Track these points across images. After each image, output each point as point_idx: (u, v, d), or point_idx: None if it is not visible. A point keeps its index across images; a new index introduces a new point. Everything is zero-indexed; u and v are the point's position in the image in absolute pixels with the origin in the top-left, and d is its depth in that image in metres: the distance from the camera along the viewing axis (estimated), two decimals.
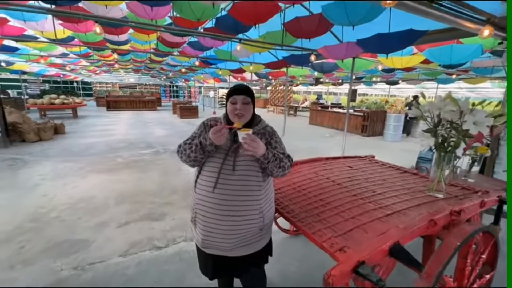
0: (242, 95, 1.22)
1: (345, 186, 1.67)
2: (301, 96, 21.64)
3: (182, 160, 1.26)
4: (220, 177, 1.17)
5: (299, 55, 5.22)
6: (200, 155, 1.19)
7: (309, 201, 1.47)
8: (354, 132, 8.74)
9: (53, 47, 7.74)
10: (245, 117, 1.23)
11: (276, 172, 1.23)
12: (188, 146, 1.22)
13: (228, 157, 1.20)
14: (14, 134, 5.93)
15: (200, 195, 1.20)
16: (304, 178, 1.82)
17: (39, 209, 2.83)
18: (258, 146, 1.11)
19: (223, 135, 1.13)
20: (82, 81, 21.28)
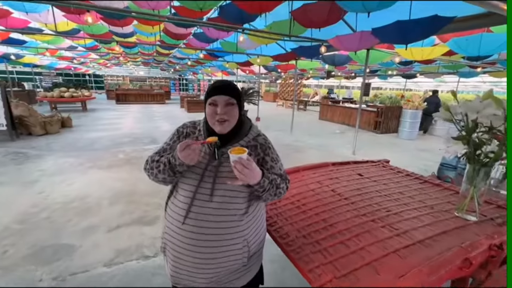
0: (225, 95, 0.97)
1: (354, 201, 1.41)
2: (311, 90, 21.05)
3: (150, 179, 1.04)
4: (194, 205, 0.94)
5: (308, 47, 4.87)
6: (170, 176, 0.96)
7: (308, 221, 1.23)
8: (366, 129, 8.30)
9: (60, 39, 7.70)
10: (228, 123, 0.98)
11: (270, 200, 1.00)
12: (155, 164, 0.99)
13: (205, 179, 0.96)
14: (21, 127, 5.96)
15: (170, 223, 0.98)
16: (305, 189, 1.56)
17: (31, 208, 2.74)
18: (253, 174, 0.86)
19: (194, 152, 0.88)
20: (94, 74, 21.58)
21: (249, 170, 0.84)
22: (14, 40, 6.77)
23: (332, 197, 1.47)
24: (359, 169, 1.99)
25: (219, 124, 0.97)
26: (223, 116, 0.96)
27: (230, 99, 0.97)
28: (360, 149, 5.57)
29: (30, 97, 12.12)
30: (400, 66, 8.99)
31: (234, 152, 0.86)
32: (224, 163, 1.00)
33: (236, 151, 0.87)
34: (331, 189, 1.56)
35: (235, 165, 0.84)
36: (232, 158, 0.85)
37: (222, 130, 0.98)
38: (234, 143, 1.02)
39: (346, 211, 1.30)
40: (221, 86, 0.98)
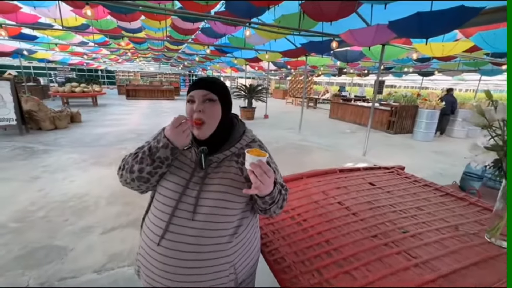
0: (203, 90, 0.82)
1: (363, 218, 1.22)
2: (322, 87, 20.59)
3: (122, 183, 0.89)
4: (172, 223, 0.79)
5: (318, 42, 4.63)
6: (148, 166, 0.79)
7: (309, 242, 1.05)
8: (379, 129, 7.95)
9: (71, 35, 7.76)
10: (207, 126, 0.82)
11: (276, 214, 0.88)
12: (132, 157, 0.84)
13: (187, 192, 0.81)
14: (31, 122, 6.03)
15: (145, 243, 0.83)
16: (308, 201, 1.39)
17: (29, 206, 2.69)
18: (271, 181, 0.73)
19: (186, 133, 0.77)
20: (106, 70, 21.95)
21: (268, 177, 0.71)
22: (26, 35, 6.86)
23: (339, 211, 1.29)
24: (371, 177, 1.79)
25: (195, 127, 0.82)
26: (200, 115, 0.80)
27: (208, 94, 0.82)
28: (371, 150, 5.30)
29: (44, 92, 12.42)
30: (416, 63, 8.54)
31: (253, 153, 0.71)
32: (211, 173, 0.84)
33: (255, 152, 0.72)
34: (338, 201, 1.38)
35: (253, 169, 0.70)
36: (250, 160, 0.70)
37: (200, 134, 0.83)
38: (224, 150, 0.86)
39: (355, 230, 1.12)
40: (201, 80, 0.84)
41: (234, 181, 0.83)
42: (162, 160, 0.79)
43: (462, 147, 6.36)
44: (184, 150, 0.89)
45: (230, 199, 0.82)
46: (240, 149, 0.89)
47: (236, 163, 0.87)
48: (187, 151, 0.89)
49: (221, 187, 0.82)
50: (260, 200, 0.79)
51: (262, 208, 0.83)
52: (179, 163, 0.86)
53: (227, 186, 0.82)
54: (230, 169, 0.85)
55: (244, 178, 0.85)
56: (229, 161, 0.87)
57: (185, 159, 0.87)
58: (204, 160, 0.85)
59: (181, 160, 0.87)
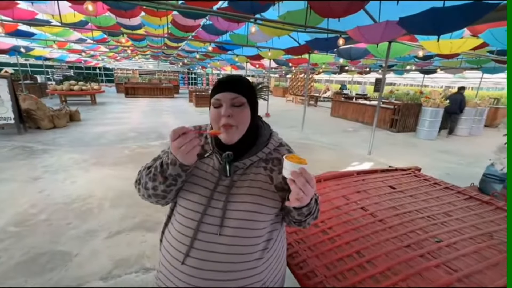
0: (231, 93, 0.73)
1: (391, 225, 1.15)
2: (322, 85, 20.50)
3: (140, 197, 0.82)
4: (197, 239, 0.71)
5: (324, 39, 4.54)
6: (161, 184, 0.72)
7: (338, 253, 0.98)
8: (381, 127, 7.89)
9: (69, 32, 7.61)
10: (236, 130, 0.74)
11: (308, 225, 0.80)
12: (146, 172, 0.77)
13: (212, 203, 0.73)
14: (29, 121, 5.91)
15: (167, 261, 0.76)
16: (329, 207, 1.31)
17: (30, 208, 2.60)
18: (313, 192, 0.64)
19: (192, 144, 0.64)
20: (104, 67, 21.71)
21: (311, 187, 0.62)
22: (23, 32, 6.70)
23: (364, 218, 1.22)
24: (389, 179, 1.72)
25: (224, 131, 0.73)
26: (228, 120, 0.72)
27: (238, 97, 0.74)
28: (376, 149, 5.24)
29: (42, 90, 12.24)
30: (418, 60, 8.47)
31: (293, 160, 0.63)
32: (237, 181, 0.76)
33: (295, 159, 0.64)
34: (361, 207, 1.31)
35: (295, 178, 0.61)
36: (291, 168, 0.62)
37: (228, 139, 0.74)
38: (251, 155, 0.78)
39: (385, 239, 1.05)
40: (227, 81, 0.75)
41: (263, 190, 0.76)
42: (174, 177, 0.71)
43: (466, 145, 6.32)
44: (205, 158, 0.81)
45: (260, 210, 0.74)
46: (268, 154, 0.82)
47: (264, 170, 0.79)
48: (209, 158, 0.81)
49: (249, 197, 0.74)
50: (296, 211, 0.71)
51: (296, 220, 0.75)
52: (200, 171, 0.78)
53: (256, 196, 0.75)
54: (258, 176, 0.78)
55: (275, 187, 0.77)
56: (256, 167, 0.79)
57: (206, 167, 0.79)
58: (229, 167, 0.77)
59: (202, 168, 0.79)
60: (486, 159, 4.93)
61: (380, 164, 4.45)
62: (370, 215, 1.24)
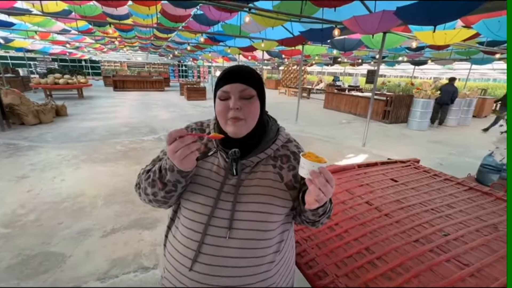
0: (241, 84, 0.68)
1: (398, 219, 1.14)
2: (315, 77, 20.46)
3: (142, 201, 0.77)
4: (205, 244, 0.67)
5: (319, 29, 4.46)
6: (161, 190, 0.67)
7: (347, 250, 0.96)
8: (374, 118, 7.97)
9: (51, 22, 7.22)
10: (245, 123, 0.69)
11: (321, 225, 0.77)
12: (144, 176, 0.72)
13: (220, 204, 0.69)
14: (13, 117, 5.63)
15: (173, 267, 0.71)
16: (335, 202, 1.29)
17: (19, 209, 2.49)
18: (332, 192, 0.60)
19: (189, 149, 0.58)
20: (90, 60, 20.89)
21: (332, 187, 0.58)
22: (0, 22, 6.30)
23: (369, 212, 1.20)
24: (389, 171, 1.71)
25: (232, 123, 0.68)
26: (237, 113, 0.67)
27: (247, 89, 0.68)
28: (369, 141, 5.29)
29: (24, 84, 11.70)
30: (409, 52, 8.52)
31: (310, 158, 0.58)
32: (245, 180, 0.72)
33: (312, 157, 0.59)
34: (366, 201, 1.29)
35: (314, 178, 0.56)
36: (310, 167, 0.57)
37: (237, 131, 0.69)
38: (259, 152, 0.74)
39: (393, 234, 1.03)
40: (235, 71, 0.69)
41: (273, 189, 0.72)
42: (174, 183, 0.65)
43: (455, 135, 6.46)
44: (209, 156, 0.76)
45: (271, 210, 0.70)
46: (276, 150, 0.77)
47: (273, 168, 0.75)
48: (213, 156, 0.76)
49: (259, 197, 0.70)
50: (311, 212, 0.67)
51: (310, 220, 0.72)
52: (205, 171, 0.73)
53: (266, 195, 0.70)
54: (267, 174, 0.73)
55: (285, 185, 0.73)
56: (264, 165, 0.75)
57: (211, 166, 0.74)
58: (236, 165, 0.72)
59: (206, 167, 0.74)
60: (476, 149, 5.09)
61: (375, 155, 4.50)
62: (376, 210, 1.22)
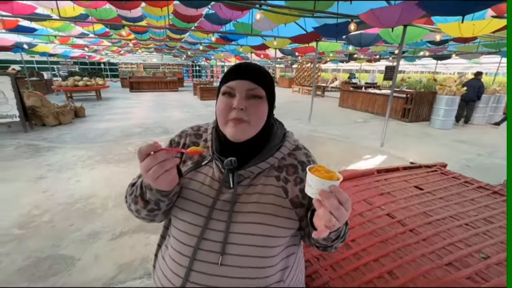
0: (249, 82, 0.58)
1: (426, 237, 0.99)
2: (329, 75, 19.96)
3: None
4: (194, 270, 0.58)
5: (334, 25, 4.26)
6: (143, 208, 0.59)
7: (366, 273, 0.83)
8: (392, 117, 7.59)
9: (70, 26, 7.49)
10: (248, 126, 0.59)
11: (335, 249, 0.65)
12: (129, 190, 0.64)
13: (211, 224, 0.59)
14: (35, 118, 5.88)
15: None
16: (352, 213, 1.16)
17: (34, 209, 2.54)
18: (347, 215, 0.48)
19: (162, 167, 0.49)
20: (108, 62, 21.65)
21: (346, 211, 0.47)
22: (24, 28, 6.60)
23: (391, 227, 1.06)
24: (413, 178, 1.55)
25: (233, 125, 0.58)
26: (241, 114, 0.57)
27: (256, 89, 0.59)
28: (388, 141, 5.01)
29: (48, 87, 12.27)
30: (431, 46, 8.03)
31: (319, 174, 0.48)
32: (242, 195, 0.62)
33: (322, 172, 0.49)
34: (387, 213, 1.15)
35: (324, 199, 0.46)
36: (318, 185, 0.47)
37: (237, 134, 0.59)
38: (259, 161, 0.63)
39: (420, 255, 0.89)
40: (245, 66, 0.59)
41: (275, 206, 0.61)
42: (155, 202, 0.57)
43: (484, 134, 6.00)
44: (202, 166, 0.66)
45: (272, 233, 0.59)
46: (281, 159, 0.66)
47: (276, 180, 0.64)
48: (207, 166, 0.66)
49: (258, 216, 0.59)
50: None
51: (320, 245, 0.61)
52: (196, 184, 0.64)
53: (267, 214, 0.60)
54: (269, 188, 0.62)
55: (290, 202, 0.62)
56: (266, 176, 0.64)
57: (204, 177, 0.64)
58: (232, 176, 0.62)
59: (198, 179, 0.64)
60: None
61: (394, 156, 4.24)
62: (399, 224, 1.08)
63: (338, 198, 0.46)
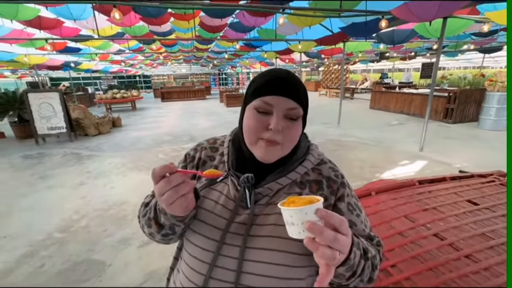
0: (289, 100, 0.51)
1: (486, 265, 0.81)
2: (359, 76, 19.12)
3: None
4: None
5: (362, 23, 4.03)
6: (157, 233, 0.55)
7: None
8: (432, 118, 6.93)
9: (108, 44, 8.19)
10: (281, 148, 0.53)
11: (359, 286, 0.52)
12: (142, 212, 0.60)
13: (225, 250, 0.53)
14: (79, 129, 6.48)
15: None
16: (388, 232, 1.00)
17: (73, 215, 2.73)
18: (348, 243, 0.40)
19: (177, 193, 0.45)
20: (143, 75, 23.32)
21: (345, 235, 0.39)
22: (71, 48, 7.38)
23: (441, 250, 0.89)
24: (464, 190, 1.32)
25: (265, 146, 0.51)
26: (276, 135, 0.50)
27: (296, 109, 0.52)
28: (428, 145, 4.54)
29: (91, 100, 13.55)
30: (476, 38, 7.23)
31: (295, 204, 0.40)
32: (260, 216, 0.54)
33: (297, 201, 0.41)
34: (434, 233, 0.98)
35: (317, 234, 0.37)
36: (298, 219, 0.38)
37: (268, 156, 0.53)
38: (279, 177, 0.55)
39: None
40: (285, 79, 0.51)
41: None
42: (170, 226, 0.52)
43: None
44: (217, 183, 0.60)
45: (293, 262, 0.50)
46: (304, 174, 0.58)
47: None
48: (222, 182, 0.60)
49: (276, 242, 0.51)
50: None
51: (335, 283, 0.50)
52: (209, 203, 0.57)
53: (287, 239, 0.51)
54: None
55: None
56: (287, 194, 0.56)
57: (218, 196, 0.58)
58: (249, 195, 0.55)
59: (212, 198, 0.58)
60: None
61: (436, 162, 3.82)
62: (451, 247, 0.90)
63: (331, 223, 0.37)
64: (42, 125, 5.65)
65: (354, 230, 0.54)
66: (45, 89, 6.45)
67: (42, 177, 3.82)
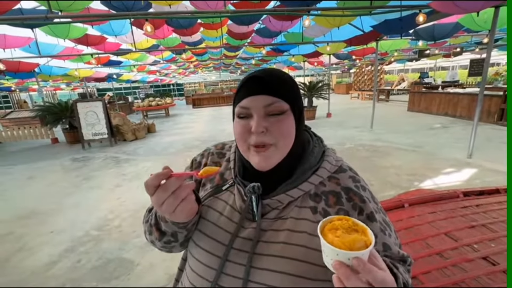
0: (265, 96, 0.47)
1: None
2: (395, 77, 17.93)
3: None
4: None
5: (397, 19, 3.76)
6: (158, 240, 0.53)
7: None
8: (484, 121, 6.15)
9: (145, 56, 8.86)
10: (275, 150, 0.48)
11: None
12: (145, 217, 0.59)
13: (228, 268, 0.49)
14: (118, 135, 7.05)
15: None
16: (423, 252, 0.87)
17: (109, 214, 2.94)
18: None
19: (177, 198, 0.43)
20: (176, 83, 24.78)
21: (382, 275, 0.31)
22: (113, 61, 8.13)
23: (491, 277, 0.74)
24: None
25: (256, 153, 0.47)
26: (263, 137, 0.46)
27: (276, 103, 0.47)
28: (478, 151, 4.01)
29: (130, 108, 14.73)
30: None
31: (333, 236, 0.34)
32: (268, 232, 0.49)
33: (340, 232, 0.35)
34: (483, 257, 0.82)
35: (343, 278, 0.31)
36: (333, 255, 0.32)
37: (263, 163, 0.48)
38: (290, 188, 0.50)
39: None
40: (257, 77, 0.48)
41: (310, 250, 0.45)
42: (172, 233, 0.50)
43: None
44: (223, 192, 0.57)
45: (306, 285, 0.44)
46: (319, 185, 0.51)
47: (312, 213, 0.49)
48: (228, 191, 0.56)
49: (286, 263, 0.45)
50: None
51: None
52: (214, 214, 0.54)
53: (298, 261, 0.45)
54: (302, 224, 0.48)
55: None
56: (298, 207, 0.50)
57: (223, 206, 0.54)
58: (256, 207, 0.50)
59: (216, 208, 0.54)
60: None
61: (488, 171, 3.35)
62: (504, 274, 0.75)
63: (365, 277, 0.30)
64: (88, 131, 6.27)
65: (389, 253, 0.46)
66: (91, 99, 7.17)
67: (85, 178, 4.20)
